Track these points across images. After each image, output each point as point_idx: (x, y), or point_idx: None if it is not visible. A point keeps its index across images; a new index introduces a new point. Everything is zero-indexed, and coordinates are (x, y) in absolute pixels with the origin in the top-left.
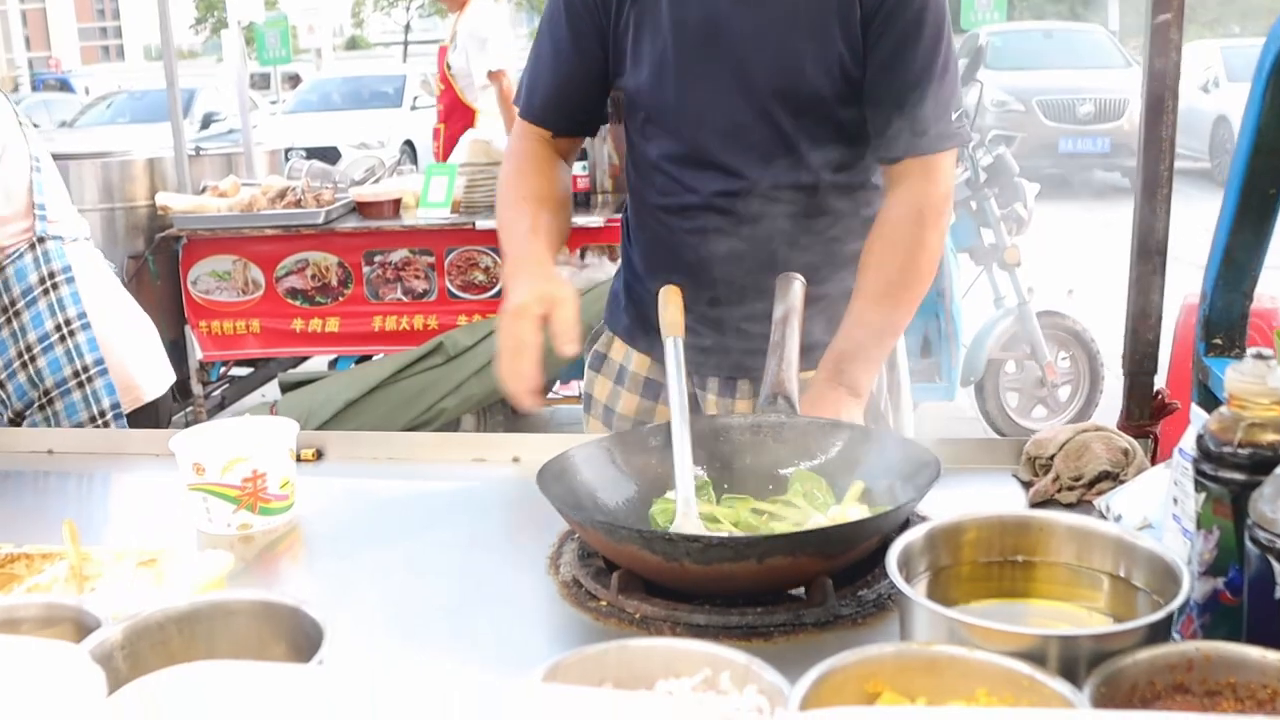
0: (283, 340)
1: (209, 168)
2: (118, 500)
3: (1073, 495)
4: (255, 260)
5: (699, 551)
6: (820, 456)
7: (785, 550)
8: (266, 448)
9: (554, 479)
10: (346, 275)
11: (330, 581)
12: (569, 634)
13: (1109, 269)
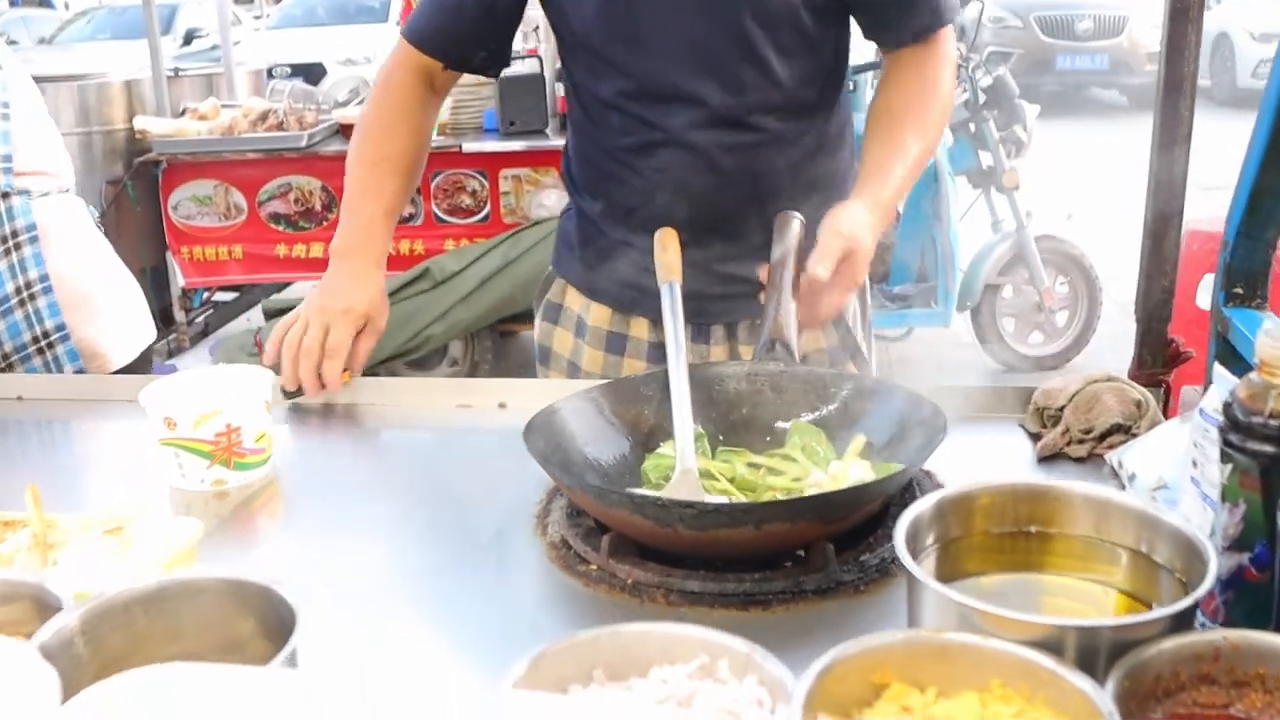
0: (266, 266)
1: (189, 89)
2: (88, 452)
3: (1083, 449)
4: (237, 185)
5: (693, 518)
6: (821, 408)
7: (784, 516)
8: (241, 400)
9: (541, 435)
10: (330, 199)
11: (307, 544)
12: (557, 601)
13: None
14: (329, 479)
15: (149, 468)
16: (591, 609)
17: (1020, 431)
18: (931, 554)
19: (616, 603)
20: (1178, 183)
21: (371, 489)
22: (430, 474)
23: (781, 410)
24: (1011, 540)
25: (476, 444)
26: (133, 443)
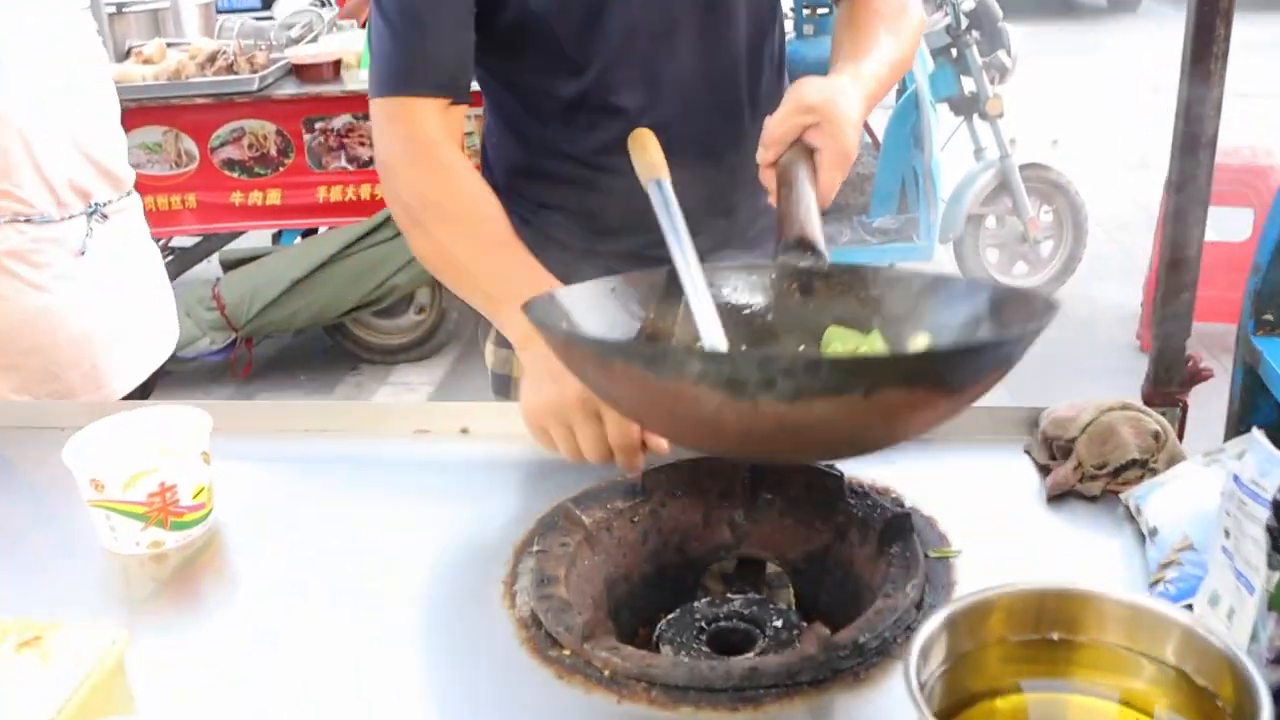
0: (222, 215)
1: (134, 26)
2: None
3: (1096, 486)
4: (187, 131)
5: (787, 376)
6: (863, 311)
7: (901, 378)
8: (175, 456)
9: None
10: (286, 144)
11: (251, 614)
12: (527, 694)
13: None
14: (274, 534)
15: (80, 523)
16: (562, 707)
17: (1025, 459)
18: (941, 672)
19: (592, 699)
20: (1201, 190)
21: (321, 543)
22: (383, 523)
23: (812, 316)
24: (1032, 649)
25: (436, 481)
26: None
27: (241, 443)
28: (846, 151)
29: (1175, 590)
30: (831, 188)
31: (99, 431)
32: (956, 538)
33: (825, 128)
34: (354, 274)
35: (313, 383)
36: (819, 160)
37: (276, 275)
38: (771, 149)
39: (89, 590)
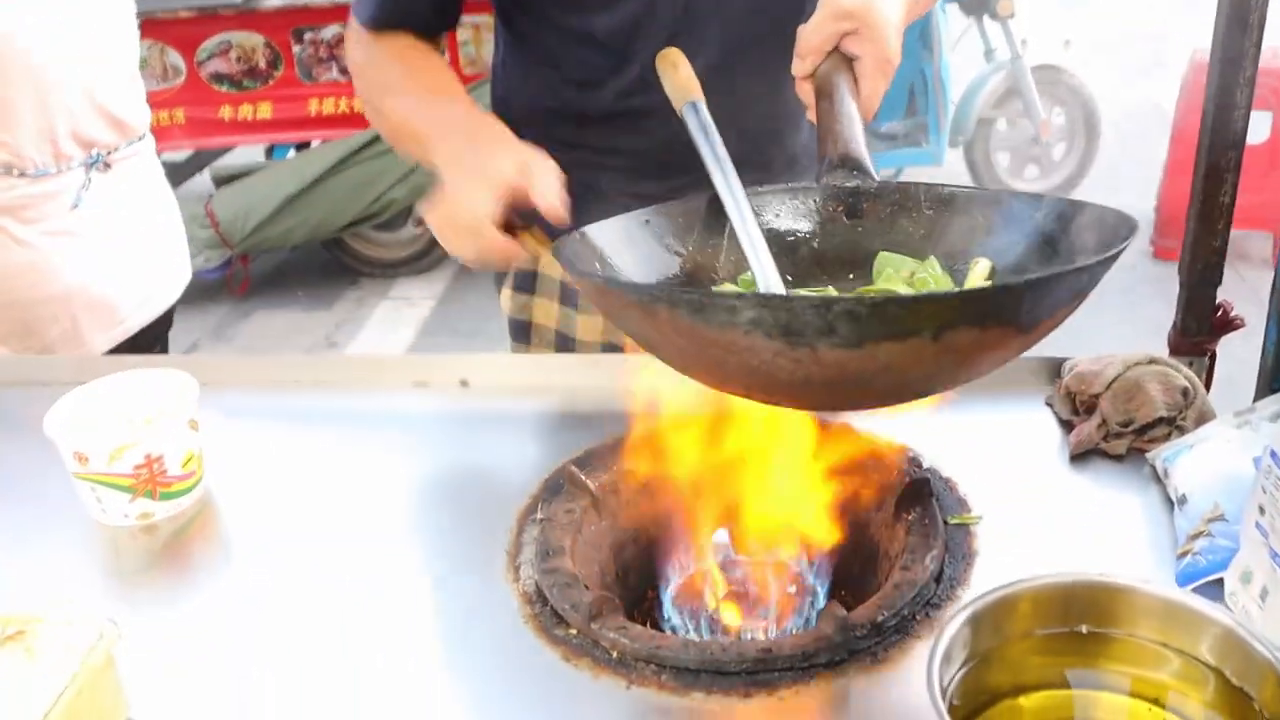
0: (211, 130)
1: None
2: None
3: (1121, 445)
4: (173, 44)
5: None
6: (917, 233)
7: (974, 317)
8: (160, 425)
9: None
10: (275, 56)
11: (244, 590)
12: (531, 679)
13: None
14: (268, 500)
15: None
16: (569, 691)
17: (1046, 412)
18: (963, 671)
19: (599, 684)
20: (1237, 127)
21: (316, 509)
22: (380, 486)
23: (862, 239)
24: (1060, 643)
25: (435, 438)
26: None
27: (232, 398)
28: (888, 57)
29: (1205, 563)
30: (874, 98)
31: (81, 400)
32: (977, 502)
33: (864, 33)
34: (351, 188)
35: (311, 298)
36: (859, 69)
37: (271, 191)
38: (808, 59)
39: (78, 565)
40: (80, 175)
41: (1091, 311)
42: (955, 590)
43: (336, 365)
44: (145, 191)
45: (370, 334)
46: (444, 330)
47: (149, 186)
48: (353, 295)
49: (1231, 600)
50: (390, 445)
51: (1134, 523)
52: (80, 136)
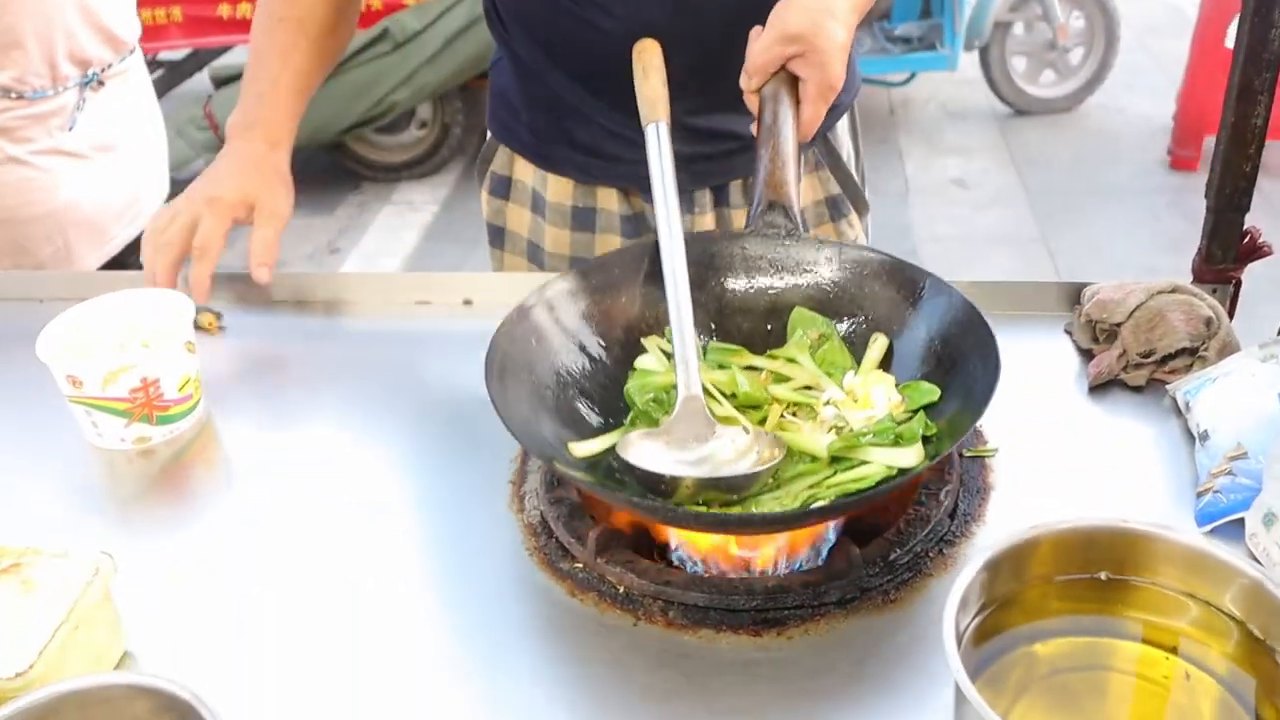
0: (209, 28)
1: None
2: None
3: (1141, 375)
4: None
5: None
6: (831, 292)
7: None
8: (155, 349)
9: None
10: None
11: (243, 515)
12: (534, 614)
13: None
14: (267, 422)
15: (61, 417)
16: (574, 627)
17: (1065, 340)
18: (978, 620)
19: (605, 620)
20: (1276, 39)
21: (318, 432)
22: (380, 408)
23: (782, 292)
24: (1078, 590)
25: (437, 357)
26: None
27: (229, 318)
28: (832, 83)
29: (1226, 502)
30: (815, 120)
31: (74, 321)
32: (992, 433)
33: (810, 58)
34: (352, 90)
35: (313, 203)
36: (803, 91)
37: None
38: (755, 78)
39: (74, 490)
40: (75, 95)
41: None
42: (970, 526)
43: (336, 282)
44: (135, 106)
45: (373, 240)
46: (447, 237)
47: (138, 101)
48: (355, 200)
49: (1252, 542)
50: (392, 366)
51: (1153, 457)
52: (77, 56)
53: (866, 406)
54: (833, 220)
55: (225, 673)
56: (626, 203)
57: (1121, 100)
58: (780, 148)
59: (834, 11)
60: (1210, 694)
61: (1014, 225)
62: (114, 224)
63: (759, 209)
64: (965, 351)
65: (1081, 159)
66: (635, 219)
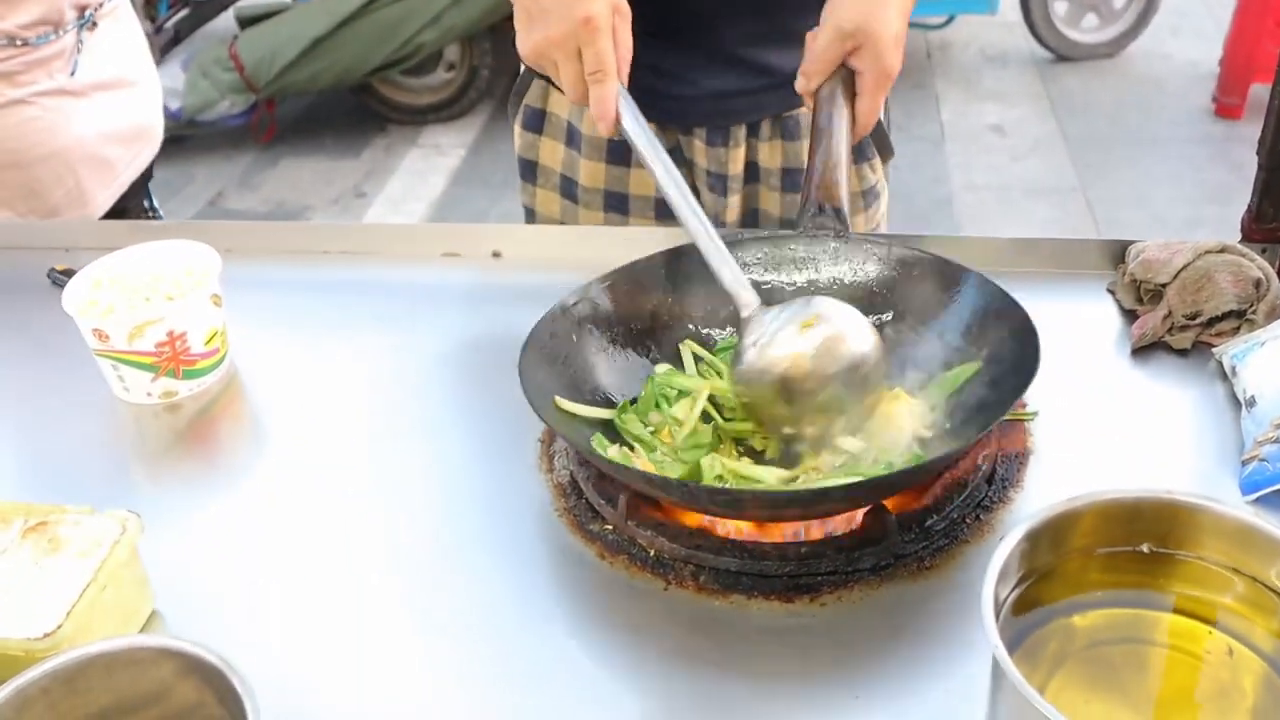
0: None
1: None
2: (9, 342)
3: (1187, 339)
4: None
5: (729, 504)
6: (877, 291)
7: (841, 499)
8: (182, 301)
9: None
10: None
11: (271, 471)
12: (562, 577)
13: None
14: (294, 376)
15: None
16: (604, 589)
17: (1108, 299)
18: (1015, 593)
19: (635, 584)
20: None
21: (343, 388)
22: (407, 365)
23: (829, 292)
24: (1120, 562)
25: (464, 313)
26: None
27: (257, 269)
28: (888, 72)
29: (1272, 470)
30: (873, 112)
31: (99, 274)
32: (1032, 396)
33: (866, 49)
34: (379, 30)
35: (339, 145)
36: (860, 84)
37: (297, 33)
38: (814, 79)
39: (101, 445)
40: (73, 38)
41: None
42: (1008, 492)
43: (363, 234)
44: (125, 41)
45: (399, 184)
46: (475, 181)
47: (128, 35)
48: (381, 143)
49: None
50: (419, 320)
51: (1197, 423)
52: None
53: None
54: (855, 163)
55: (252, 632)
56: (663, 135)
57: (1167, 45)
58: (834, 149)
59: (888, 1)
60: (1253, 670)
61: (1053, 174)
62: (120, 159)
63: (810, 211)
64: (1005, 343)
65: (1123, 106)
66: (673, 152)
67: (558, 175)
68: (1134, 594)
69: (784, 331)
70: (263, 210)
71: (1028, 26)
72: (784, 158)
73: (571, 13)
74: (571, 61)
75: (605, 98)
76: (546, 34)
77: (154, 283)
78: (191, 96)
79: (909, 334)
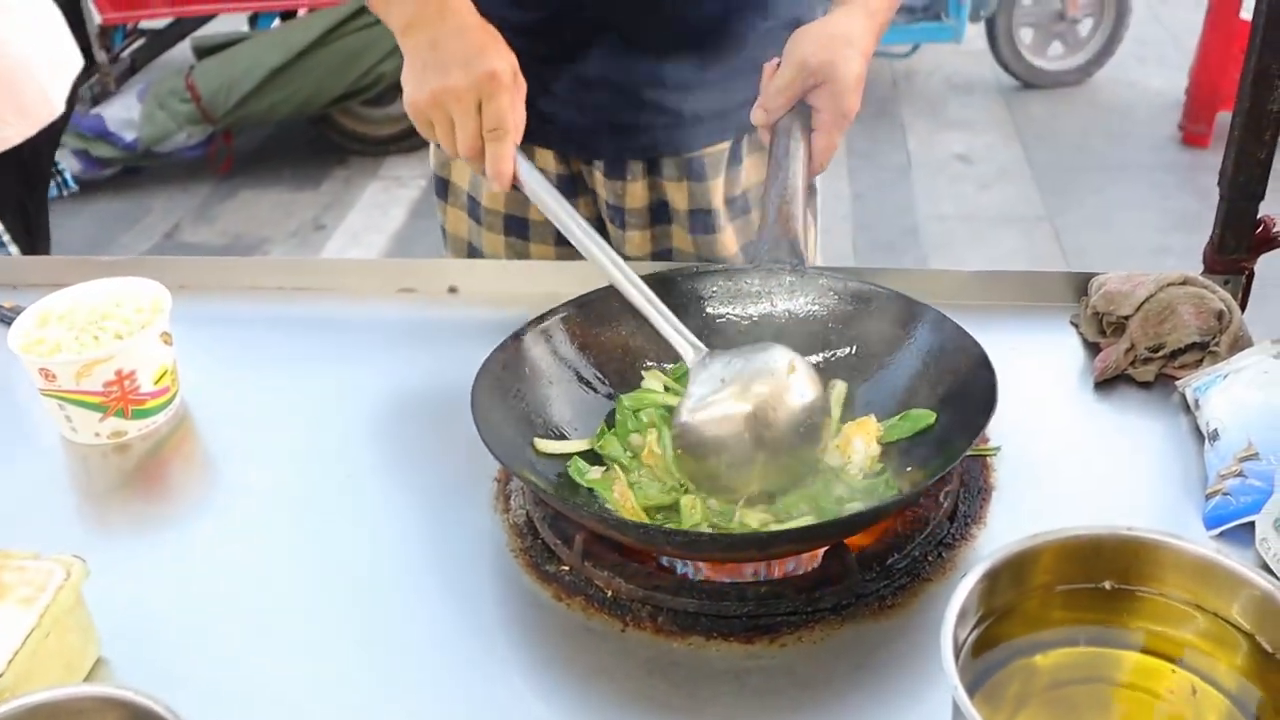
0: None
1: None
2: None
3: (1150, 371)
4: None
5: (686, 545)
6: (830, 324)
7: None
8: (131, 341)
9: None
10: None
11: (221, 513)
12: (519, 616)
13: None
14: (246, 415)
15: (38, 409)
16: (561, 631)
17: (1071, 331)
18: (977, 632)
19: (593, 626)
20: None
21: (297, 426)
22: (361, 399)
23: (784, 327)
24: (1081, 599)
25: (421, 349)
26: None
27: (210, 305)
28: (846, 113)
29: (1236, 504)
30: (829, 149)
31: (46, 310)
32: (995, 430)
33: (826, 88)
34: (339, 60)
35: (298, 177)
36: (817, 121)
37: (255, 63)
38: (772, 114)
39: (47, 487)
40: None
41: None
42: (970, 529)
43: (318, 269)
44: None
45: (359, 216)
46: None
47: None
48: (341, 174)
49: (1262, 547)
50: (375, 356)
51: (1161, 457)
52: None
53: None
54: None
55: (201, 679)
56: (564, 164)
57: (1132, 74)
58: (790, 182)
59: (852, 40)
60: (1217, 708)
61: (1019, 203)
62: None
63: (766, 245)
64: (962, 381)
65: (1090, 135)
66: (572, 180)
67: (465, 194)
68: (1096, 631)
69: (722, 392)
70: (220, 243)
71: (993, 55)
72: (691, 199)
73: (475, 66)
74: (469, 116)
75: (503, 156)
76: (445, 84)
77: (102, 321)
78: (148, 127)
79: (865, 370)
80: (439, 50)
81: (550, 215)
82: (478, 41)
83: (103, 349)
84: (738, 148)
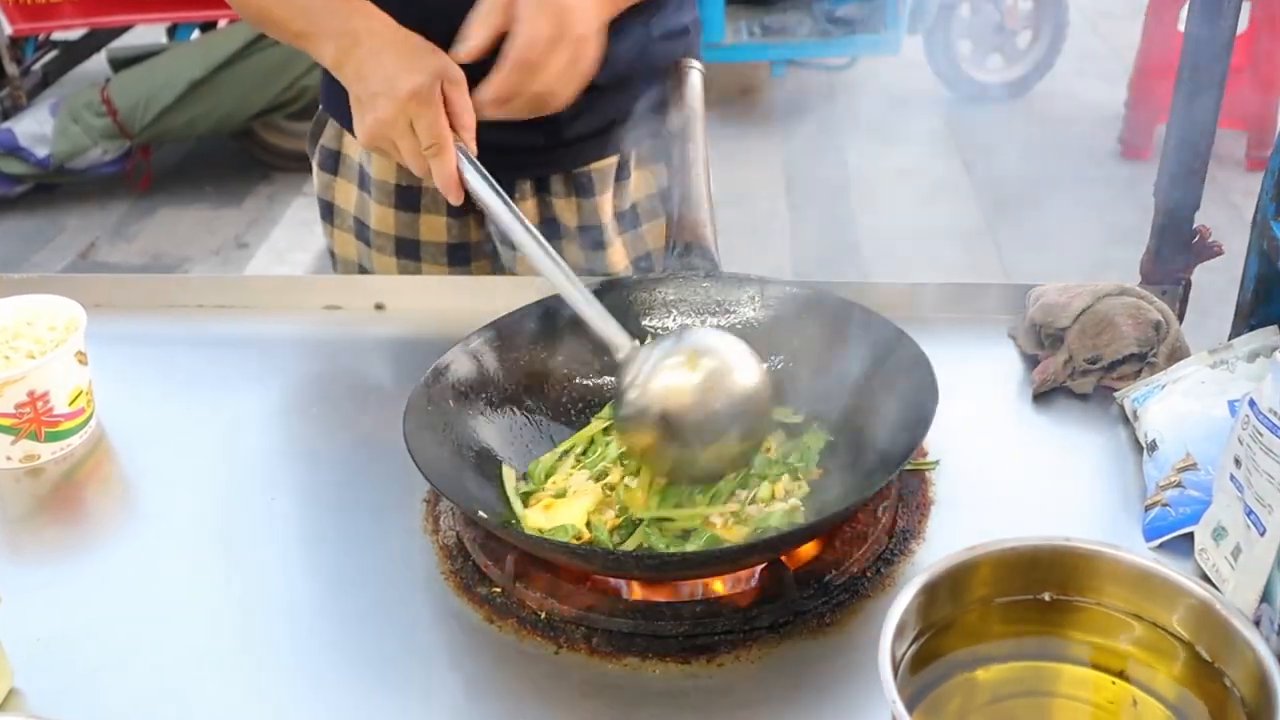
0: (107, 6)
1: None
2: None
3: (1088, 383)
4: None
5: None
6: (757, 330)
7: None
8: (44, 361)
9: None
10: None
11: (139, 538)
12: (451, 639)
13: None
14: (165, 437)
15: None
16: (493, 654)
17: (1009, 344)
18: (915, 646)
19: (526, 648)
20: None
21: (219, 448)
22: (288, 418)
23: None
24: (1020, 611)
25: (347, 367)
26: None
27: (127, 324)
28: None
29: (1175, 515)
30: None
31: None
32: (933, 444)
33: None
34: (261, 73)
35: (220, 194)
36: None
37: (174, 76)
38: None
39: None
40: None
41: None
42: (909, 544)
43: (241, 287)
44: None
45: (283, 234)
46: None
47: None
48: (264, 191)
49: (1201, 557)
50: (300, 376)
51: (1100, 468)
52: None
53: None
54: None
55: (118, 710)
56: None
57: (1072, 86)
58: (691, 187)
59: None
60: (1157, 718)
61: (959, 217)
62: None
63: (676, 252)
64: (900, 382)
65: (1030, 147)
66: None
67: (352, 218)
68: (1037, 643)
69: (663, 365)
70: (139, 262)
71: (931, 67)
72: (580, 215)
73: (395, 90)
74: (406, 138)
75: (446, 169)
76: (377, 116)
77: (13, 340)
78: (61, 143)
79: (790, 375)
80: (364, 80)
81: (497, 219)
82: (393, 62)
83: (14, 369)
84: (625, 163)
